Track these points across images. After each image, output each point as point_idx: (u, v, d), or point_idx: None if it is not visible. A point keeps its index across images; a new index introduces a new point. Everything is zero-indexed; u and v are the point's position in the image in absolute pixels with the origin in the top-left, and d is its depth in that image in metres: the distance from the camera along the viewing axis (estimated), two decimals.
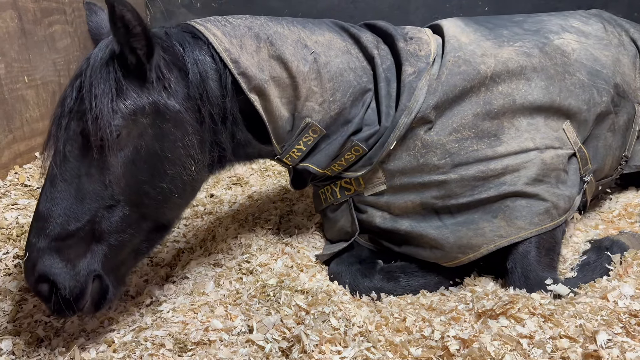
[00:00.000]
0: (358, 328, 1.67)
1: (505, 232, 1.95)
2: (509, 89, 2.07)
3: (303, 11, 5.42)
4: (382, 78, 2.03)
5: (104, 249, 1.64)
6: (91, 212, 1.60)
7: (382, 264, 2.24)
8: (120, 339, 1.73)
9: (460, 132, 2.01)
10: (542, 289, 1.89)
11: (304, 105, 1.92)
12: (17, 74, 2.83)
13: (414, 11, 5.53)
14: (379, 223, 2.14)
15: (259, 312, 1.82)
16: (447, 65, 2.05)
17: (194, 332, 1.71)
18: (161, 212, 1.75)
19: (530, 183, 1.98)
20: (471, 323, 1.70)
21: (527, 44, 2.20)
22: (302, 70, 1.90)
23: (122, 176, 1.62)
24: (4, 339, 1.71)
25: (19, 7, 2.88)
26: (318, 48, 1.97)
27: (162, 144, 1.67)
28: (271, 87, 1.84)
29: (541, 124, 2.09)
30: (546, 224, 1.98)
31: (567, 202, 2.06)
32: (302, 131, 1.94)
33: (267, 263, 2.16)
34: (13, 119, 2.79)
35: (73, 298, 1.58)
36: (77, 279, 1.58)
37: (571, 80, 2.18)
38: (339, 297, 1.86)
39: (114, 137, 1.56)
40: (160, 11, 5.32)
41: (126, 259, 1.74)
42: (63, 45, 3.40)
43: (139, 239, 1.73)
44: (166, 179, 1.70)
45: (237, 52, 1.79)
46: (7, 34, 2.75)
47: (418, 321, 1.74)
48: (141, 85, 1.64)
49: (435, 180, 2.00)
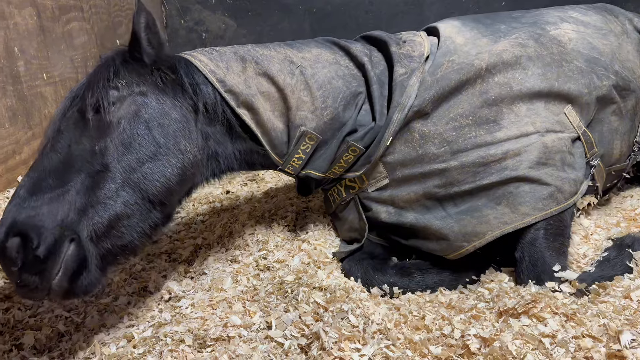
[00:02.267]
0: (377, 326, 1.66)
1: (510, 218, 1.95)
2: (505, 79, 2.09)
3: (318, 7, 5.40)
4: (374, 81, 2.10)
5: (91, 216, 1.57)
6: (77, 177, 1.59)
7: (395, 260, 2.25)
8: (140, 334, 1.74)
9: (457, 120, 2.04)
10: (550, 277, 1.87)
11: (296, 115, 2.01)
12: (35, 71, 2.86)
13: (429, 6, 5.48)
14: (384, 219, 2.17)
15: (277, 308, 1.81)
16: (443, 64, 2.10)
17: (213, 328, 1.71)
18: (147, 185, 1.70)
19: (532, 167, 1.98)
20: (492, 321, 1.69)
21: (523, 35, 2.23)
22: (289, 83, 2.01)
23: (114, 144, 1.67)
24: (26, 333, 1.73)
25: (37, 4, 2.91)
26: (304, 62, 2.08)
27: (148, 126, 1.74)
28: (260, 101, 1.97)
29: (541, 109, 2.10)
30: (551, 208, 1.97)
31: (572, 185, 2.04)
32: (298, 140, 2.02)
33: (284, 260, 2.16)
34: (32, 116, 2.81)
35: (43, 255, 1.43)
36: (52, 232, 1.46)
37: (569, 67, 2.20)
38: (357, 294, 1.85)
39: (105, 106, 1.66)
40: (176, 8, 5.34)
41: (111, 238, 1.62)
42: (80, 42, 3.43)
43: (127, 215, 1.65)
44: (154, 157, 1.73)
45: (222, 73, 1.94)
46: (27, 31, 2.78)
47: (437, 319, 1.73)
48: (140, 75, 1.81)
49: (436, 169, 2.03)
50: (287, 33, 5.50)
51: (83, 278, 1.53)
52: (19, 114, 2.68)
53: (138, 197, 1.68)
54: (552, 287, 1.84)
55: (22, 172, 2.73)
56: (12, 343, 1.70)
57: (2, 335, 1.74)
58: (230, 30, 5.47)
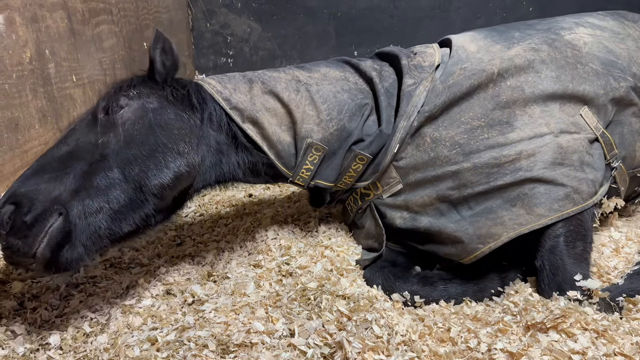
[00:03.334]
0: (401, 337, 1.64)
1: (525, 219, 1.93)
2: (518, 82, 2.10)
3: (342, 11, 5.40)
4: (382, 93, 2.19)
5: (83, 198, 1.70)
6: (77, 164, 1.76)
7: (418, 269, 2.23)
8: (164, 337, 1.75)
9: (469, 123, 2.06)
10: (571, 286, 1.83)
11: (302, 128, 2.12)
12: (65, 73, 2.91)
13: (455, 10, 5.43)
14: (399, 224, 2.18)
15: (299, 316, 1.81)
16: (455, 72, 2.14)
17: (236, 334, 1.71)
18: (142, 176, 1.83)
19: (547, 167, 1.96)
20: (519, 335, 1.65)
21: (536, 40, 2.24)
22: (293, 98, 2.14)
23: (115, 139, 1.84)
24: (53, 334, 1.76)
25: (68, 7, 2.96)
26: (311, 81, 2.21)
27: (151, 128, 1.91)
28: (265, 116, 2.10)
29: (556, 111, 2.08)
30: (567, 209, 1.94)
31: (591, 186, 2.00)
32: (305, 151, 2.12)
33: (306, 266, 2.15)
34: (61, 117, 2.86)
35: (30, 222, 1.57)
36: (43, 204, 1.62)
37: (584, 69, 2.18)
38: (381, 304, 1.83)
39: (115, 109, 1.88)
40: (202, 11, 5.39)
41: (98, 220, 1.73)
42: (109, 45, 3.48)
43: (117, 202, 1.77)
44: (151, 154, 1.86)
45: (228, 92, 2.10)
46: (58, 34, 2.83)
47: (463, 332, 1.70)
48: (151, 89, 2.00)
49: (449, 171, 2.04)
50: (311, 37, 5.51)
51: (65, 251, 1.64)
52: (49, 115, 2.73)
53: (130, 187, 1.80)
54: (574, 296, 1.80)
55: None
56: (39, 343, 1.72)
57: (30, 334, 1.76)
58: (255, 34, 5.50)
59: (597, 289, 1.79)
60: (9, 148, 2.36)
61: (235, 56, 5.58)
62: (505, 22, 5.18)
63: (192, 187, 2.06)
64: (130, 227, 1.83)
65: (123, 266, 2.25)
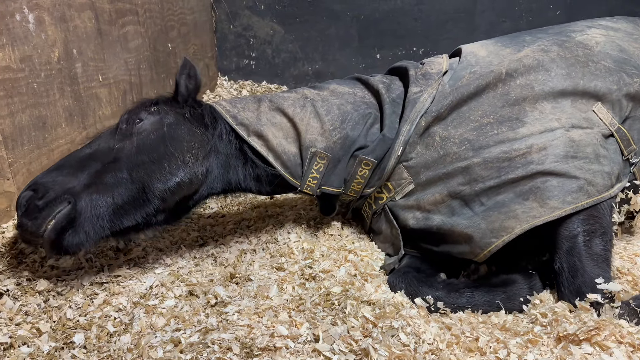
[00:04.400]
0: (428, 346, 1.60)
1: (538, 212, 1.90)
2: (527, 81, 2.11)
3: (365, 14, 5.37)
4: (387, 102, 2.27)
5: (91, 192, 1.90)
6: (93, 164, 1.98)
7: (444, 276, 2.20)
8: (187, 339, 1.74)
9: (478, 121, 2.08)
10: (591, 289, 1.78)
11: (306, 138, 2.21)
12: (92, 72, 2.93)
13: (480, 14, 5.37)
14: (413, 225, 2.18)
15: (324, 321, 1.78)
16: (464, 76, 2.19)
17: (260, 337, 1.69)
18: (146, 179, 2.01)
19: (559, 160, 1.94)
20: (550, 347, 1.60)
21: (546, 42, 2.26)
22: (298, 112, 2.26)
23: (130, 145, 2.05)
24: (77, 332, 1.76)
25: (96, 8, 2.98)
26: (317, 97, 2.33)
27: (163, 139, 2.09)
28: (270, 130, 2.22)
29: (567, 107, 2.07)
30: (582, 201, 1.90)
31: (606, 178, 1.97)
32: (310, 160, 2.21)
33: (329, 270, 2.13)
34: (87, 116, 2.88)
35: (41, 206, 1.81)
36: (55, 192, 1.85)
37: (595, 67, 2.17)
38: (407, 311, 1.79)
39: (135, 121, 2.11)
40: (225, 13, 5.41)
41: (103, 212, 1.91)
42: (134, 46, 3.50)
43: (121, 198, 1.96)
44: (159, 161, 2.05)
45: (236, 111, 2.26)
46: (85, 34, 2.85)
47: (492, 342, 1.66)
48: (172, 107, 2.21)
49: (459, 167, 2.05)
50: (334, 39, 5.50)
51: (68, 235, 1.84)
52: (75, 114, 2.75)
53: (135, 187, 1.98)
54: (594, 299, 1.75)
55: None
56: (63, 341, 1.72)
57: (55, 332, 1.77)
58: (277, 36, 5.50)
59: (618, 291, 1.73)
60: (36, 146, 2.38)
61: (257, 58, 5.59)
62: (531, 26, 5.11)
63: (197, 193, 2.19)
64: (130, 223, 2.01)
65: (147, 266, 2.25)
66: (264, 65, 5.63)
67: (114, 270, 2.16)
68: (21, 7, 2.28)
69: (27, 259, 2.08)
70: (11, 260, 2.05)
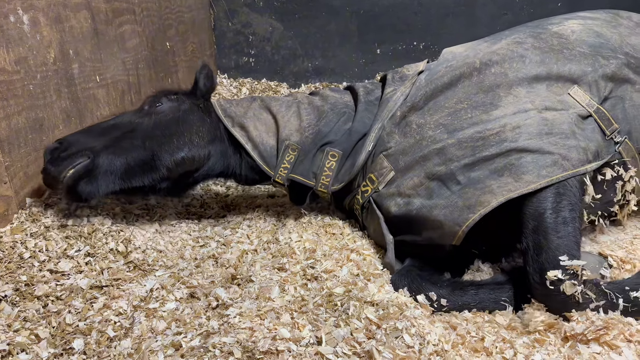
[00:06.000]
0: (433, 347, 1.57)
1: (514, 186, 1.90)
2: (502, 69, 2.17)
3: (365, 9, 5.33)
4: (362, 102, 2.47)
5: (109, 152, 2.25)
6: (114, 132, 2.34)
7: (448, 275, 2.19)
8: (188, 343, 1.71)
9: (452, 107, 2.14)
10: (554, 266, 1.73)
11: (283, 133, 2.43)
12: (89, 73, 2.90)
13: (481, 6, 5.31)
14: (395, 212, 2.20)
15: (327, 322, 1.75)
16: (440, 70, 2.29)
17: (262, 340, 1.66)
18: (156, 148, 2.34)
19: (533, 138, 1.95)
20: (557, 347, 1.58)
21: (522, 35, 2.32)
22: (282, 111, 2.50)
23: (147, 121, 2.41)
24: (77, 338, 1.73)
25: (92, 7, 2.95)
26: (306, 100, 2.55)
27: (177, 121, 2.45)
28: (253, 123, 2.48)
29: (542, 91, 2.10)
30: (557, 175, 1.90)
31: (581, 153, 1.96)
32: (284, 152, 2.42)
33: (332, 270, 2.10)
34: (85, 118, 2.85)
35: (63, 156, 2.17)
36: (77, 147, 2.21)
37: (570, 52, 2.20)
38: (411, 311, 1.76)
39: (157, 104, 2.47)
40: (224, 10, 5.37)
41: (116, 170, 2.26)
42: (132, 45, 3.47)
43: (133, 161, 2.29)
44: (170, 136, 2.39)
45: (228, 106, 2.56)
46: (81, 34, 2.82)
47: (498, 342, 1.63)
48: (189, 98, 2.57)
49: (434, 149, 2.09)
50: (333, 35, 5.46)
51: (84, 183, 2.19)
52: (73, 115, 2.72)
53: (146, 154, 2.32)
54: (555, 276, 1.71)
55: None
56: (62, 347, 1.70)
57: (54, 338, 1.74)
58: (277, 33, 5.46)
59: (582, 266, 1.68)
60: (33, 149, 2.36)
61: (257, 55, 5.56)
62: (532, 18, 5.05)
63: (198, 172, 2.49)
64: (138, 184, 2.34)
65: (147, 268, 2.23)
66: (264, 63, 5.59)
67: (114, 274, 2.14)
68: (15, 8, 2.25)
69: (25, 263, 2.05)
70: (9, 265, 2.02)
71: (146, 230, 2.47)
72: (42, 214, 2.31)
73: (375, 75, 5.44)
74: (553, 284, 1.73)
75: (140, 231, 2.44)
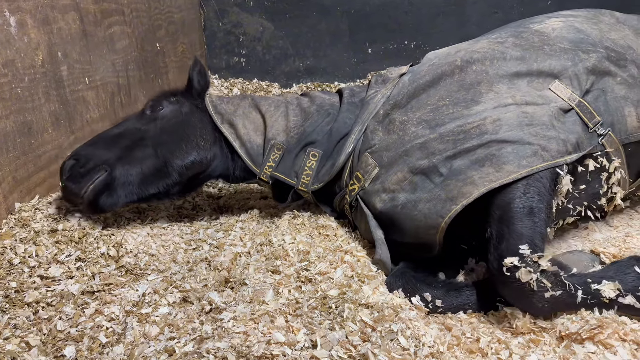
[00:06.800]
0: (429, 349, 1.57)
1: (495, 177, 1.92)
2: (483, 67, 2.21)
3: (356, 8, 5.32)
4: (345, 104, 2.53)
5: (124, 163, 2.33)
6: (123, 141, 2.40)
7: (443, 276, 2.18)
8: (182, 348, 1.69)
9: (435, 104, 2.18)
10: (513, 254, 1.74)
11: (270, 132, 2.51)
12: (78, 75, 2.87)
13: (471, 5, 5.32)
14: (380, 208, 2.21)
15: (321, 325, 1.74)
16: (423, 70, 2.32)
17: (256, 345, 1.65)
18: (168, 155, 2.43)
19: (513, 129, 1.97)
20: (552, 347, 1.58)
21: (503, 34, 2.39)
22: (271, 110, 2.57)
23: (154, 127, 2.48)
24: (68, 345, 1.71)
25: (80, 9, 2.92)
26: (295, 102, 2.61)
27: (181, 125, 2.53)
28: (242, 121, 2.55)
29: (523, 86, 2.14)
30: (537, 165, 1.92)
31: (560, 144, 1.98)
32: (269, 151, 2.48)
33: (326, 272, 2.09)
34: (74, 120, 2.82)
35: (82, 173, 2.23)
36: (95, 163, 2.28)
37: (551, 48, 2.25)
38: (406, 313, 1.75)
39: (158, 108, 2.53)
40: (214, 10, 5.34)
41: (132, 180, 2.35)
42: (122, 46, 3.44)
43: (148, 170, 2.38)
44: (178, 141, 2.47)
45: (219, 103, 2.63)
46: (70, 35, 2.79)
47: (493, 342, 1.63)
48: (188, 99, 2.64)
49: (417, 144, 2.12)
50: (324, 34, 5.45)
51: (105, 197, 2.28)
52: (62, 118, 2.69)
53: (159, 161, 2.40)
54: (511, 263, 1.71)
55: None
56: (54, 355, 1.67)
57: (45, 345, 1.72)
58: (267, 32, 5.44)
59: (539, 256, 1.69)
60: (22, 153, 2.33)
61: (247, 55, 5.53)
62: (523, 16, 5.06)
63: (204, 173, 2.57)
64: (153, 191, 2.43)
65: (139, 272, 2.20)
66: (255, 63, 5.56)
67: (105, 279, 2.11)
68: (2, 10, 2.21)
69: (14, 269, 2.02)
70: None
71: (138, 234, 2.44)
72: (32, 219, 2.28)
73: (367, 74, 5.44)
74: (509, 270, 1.73)
75: (131, 235, 2.41)
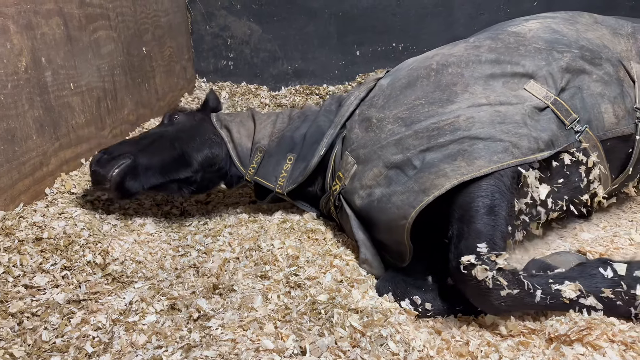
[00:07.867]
0: (418, 353, 1.56)
1: (467, 170, 1.95)
2: (459, 69, 2.27)
3: (344, 10, 5.32)
4: (323, 109, 2.69)
5: (146, 153, 2.56)
6: (148, 139, 2.68)
7: (431, 280, 2.17)
8: (169, 357, 1.67)
9: (411, 103, 2.24)
10: (471, 252, 1.74)
11: (257, 137, 2.74)
12: (63, 80, 2.84)
13: (459, 7, 5.35)
14: (359, 204, 2.25)
15: (310, 331, 1.73)
16: (401, 74, 2.42)
17: (245, 353, 1.63)
18: (185, 147, 2.64)
19: (485, 126, 2.02)
20: (542, 349, 1.57)
21: (481, 37, 2.45)
22: (262, 120, 2.81)
23: (172, 128, 2.77)
24: (54, 356, 1.68)
25: (64, 13, 2.88)
26: (286, 113, 2.84)
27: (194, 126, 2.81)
28: (237, 127, 2.79)
29: (498, 87, 2.19)
30: (507, 161, 1.95)
31: (532, 142, 2.02)
32: (253, 154, 2.70)
33: (315, 276, 2.08)
34: (59, 126, 2.79)
35: (107, 159, 2.46)
36: (120, 152, 2.51)
37: (526, 49, 2.31)
38: (396, 317, 1.75)
39: (175, 118, 2.86)
40: (201, 13, 5.31)
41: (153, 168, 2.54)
42: (107, 51, 3.40)
43: (168, 158, 2.58)
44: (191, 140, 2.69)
45: (222, 114, 2.90)
46: (54, 41, 2.76)
47: (482, 345, 1.62)
48: (202, 113, 2.95)
49: (392, 140, 2.18)
50: (312, 37, 5.44)
51: (129, 179, 2.46)
52: (46, 125, 2.66)
53: (177, 152, 2.61)
54: (468, 261, 1.72)
55: (49, 184, 2.70)
56: None
57: (30, 356, 1.69)
58: (255, 36, 5.42)
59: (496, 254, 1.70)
60: (5, 160, 2.29)
61: (235, 59, 5.51)
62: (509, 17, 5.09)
63: (219, 165, 2.72)
64: (174, 177, 2.60)
65: (126, 280, 2.17)
66: (243, 66, 5.54)
67: (92, 287, 2.08)
68: None
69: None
70: None
71: (124, 241, 2.41)
72: (16, 228, 2.24)
73: (355, 77, 5.43)
74: (466, 268, 1.74)
75: (118, 242, 2.38)
